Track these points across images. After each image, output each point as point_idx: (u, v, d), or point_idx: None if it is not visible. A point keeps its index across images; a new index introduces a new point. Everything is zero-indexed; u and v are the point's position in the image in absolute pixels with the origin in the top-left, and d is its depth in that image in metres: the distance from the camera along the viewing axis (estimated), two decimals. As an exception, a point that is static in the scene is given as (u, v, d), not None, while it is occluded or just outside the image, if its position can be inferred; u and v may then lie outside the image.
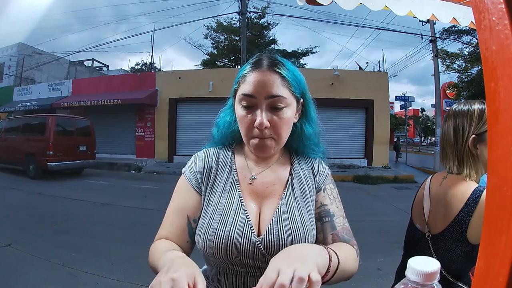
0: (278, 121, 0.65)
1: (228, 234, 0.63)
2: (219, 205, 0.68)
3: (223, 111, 0.79)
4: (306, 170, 0.76)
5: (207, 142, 0.82)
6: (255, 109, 0.65)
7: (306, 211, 0.69)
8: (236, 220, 0.65)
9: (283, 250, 0.52)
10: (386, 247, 3.21)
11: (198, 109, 11.20)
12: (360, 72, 13.72)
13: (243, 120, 0.66)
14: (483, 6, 0.31)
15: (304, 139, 0.76)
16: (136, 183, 7.54)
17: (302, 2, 1.31)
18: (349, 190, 6.97)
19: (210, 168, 0.73)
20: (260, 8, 14.92)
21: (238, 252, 0.63)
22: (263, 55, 0.69)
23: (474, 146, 0.83)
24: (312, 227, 0.68)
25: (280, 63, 0.67)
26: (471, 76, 11.16)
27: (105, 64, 23.48)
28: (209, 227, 0.65)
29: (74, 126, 8.31)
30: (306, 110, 0.74)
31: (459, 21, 1.41)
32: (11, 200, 5.36)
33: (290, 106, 0.67)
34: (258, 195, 0.70)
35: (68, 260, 2.77)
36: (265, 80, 0.64)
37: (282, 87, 0.64)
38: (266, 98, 0.64)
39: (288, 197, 0.70)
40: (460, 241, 0.80)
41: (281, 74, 0.65)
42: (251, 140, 0.67)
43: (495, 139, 0.30)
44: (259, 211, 0.69)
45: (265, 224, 0.66)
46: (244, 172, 0.73)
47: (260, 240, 0.63)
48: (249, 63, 0.69)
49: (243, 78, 0.67)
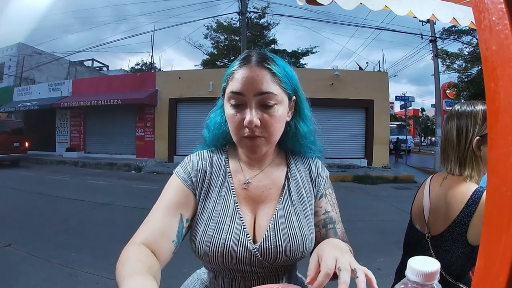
0: (269, 119, 0.62)
1: (224, 242, 0.61)
2: (214, 212, 0.65)
3: (213, 112, 0.76)
4: (303, 171, 0.74)
5: (198, 144, 0.78)
6: (244, 108, 0.62)
7: (303, 216, 0.67)
8: (232, 228, 0.63)
9: (326, 241, 0.59)
10: (386, 247, 3.21)
11: (198, 109, 11.18)
12: (360, 72, 13.72)
13: (232, 119, 0.63)
14: (483, 6, 0.31)
15: (300, 138, 0.72)
16: (136, 183, 7.55)
17: (302, 2, 1.30)
18: (349, 190, 6.97)
19: (204, 172, 0.70)
20: (260, 8, 14.94)
21: (234, 260, 0.61)
22: (253, 51, 0.66)
23: (478, 148, 0.83)
24: (310, 231, 0.67)
25: (270, 58, 0.64)
26: (471, 76, 11.15)
27: (105, 64, 23.50)
28: (205, 235, 0.63)
29: (9, 127, 10.69)
30: (300, 108, 0.71)
31: (459, 21, 1.41)
32: (11, 200, 5.36)
33: (282, 103, 0.63)
34: (254, 200, 0.68)
35: (68, 260, 2.77)
36: (254, 76, 0.60)
37: (272, 83, 0.61)
38: (256, 95, 0.61)
39: (285, 202, 0.68)
40: (460, 242, 0.80)
41: (271, 69, 0.62)
42: (241, 140, 0.64)
43: (495, 139, 0.30)
44: (255, 216, 0.67)
45: (261, 230, 0.64)
46: (238, 175, 0.70)
47: (257, 248, 0.62)
48: (238, 60, 0.66)
49: (231, 75, 0.64)
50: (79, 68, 19.62)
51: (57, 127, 13.32)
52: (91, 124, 12.82)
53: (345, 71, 12.00)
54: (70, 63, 18.84)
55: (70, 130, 13.11)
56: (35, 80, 16.10)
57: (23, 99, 13.77)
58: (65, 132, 13.22)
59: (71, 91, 12.96)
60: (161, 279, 0.54)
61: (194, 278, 0.75)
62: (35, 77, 16.31)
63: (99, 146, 12.65)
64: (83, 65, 20.59)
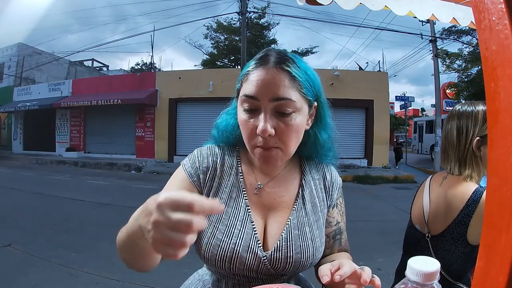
0: (285, 129, 0.56)
1: (234, 247, 0.58)
2: (224, 214, 0.61)
3: (225, 112, 0.71)
4: (318, 179, 0.70)
5: (209, 139, 0.73)
6: (258, 113, 0.56)
7: (316, 227, 0.65)
8: (242, 233, 0.60)
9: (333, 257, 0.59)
10: (386, 247, 3.21)
11: (198, 109, 11.19)
12: (360, 72, 13.71)
13: (245, 125, 0.58)
14: (483, 6, 0.31)
15: (319, 147, 0.68)
16: (136, 183, 7.55)
17: (302, 2, 1.30)
18: (349, 190, 6.97)
19: (215, 169, 0.66)
20: (260, 8, 14.93)
21: (242, 266, 0.59)
22: (271, 50, 0.60)
23: (478, 148, 0.83)
24: (321, 243, 0.65)
25: (290, 59, 0.57)
26: (471, 76, 11.16)
27: (105, 64, 23.48)
28: (213, 238, 0.59)
29: None
30: (321, 115, 0.66)
31: (459, 21, 1.41)
32: (11, 200, 5.35)
33: (300, 111, 0.57)
34: (265, 206, 0.64)
35: (68, 260, 2.77)
36: (270, 80, 0.54)
37: (291, 88, 0.55)
38: (271, 101, 0.55)
39: (299, 212, 0.64)
40: (460, 242, 0.80)
41: (290, 73, 0.55)
42: (254, 150, 0.59)
43: (495, 139, 0.30)
44: (265, 223, 0.64)
45: (272, 238, 0.62)
46: (250, 178, 0.66)
47: (266, 256, 0.60)
48: (255, 59, 0.60)
49: (246, 76, 0.58)
50: (79, 68, 19.61)
51: (57, 127, 13.31)
52: (91, 124, 12.81)
53: (345, 71, 12.00)
54: (70, 63, 18.83)
55: (70, 130, 13.11)
56: (35, 80, 16.09)
57: (23, 99, 13.77)
58: (65, 132, 13.21)
59: (71, 91, 12.95)
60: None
61: (195, 279, 0.73)
62: (35, 77, 16.30)
63: (99, 146, 12.64)
64: (83, 65, 20.57)
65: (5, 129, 15.45)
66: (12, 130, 14.67)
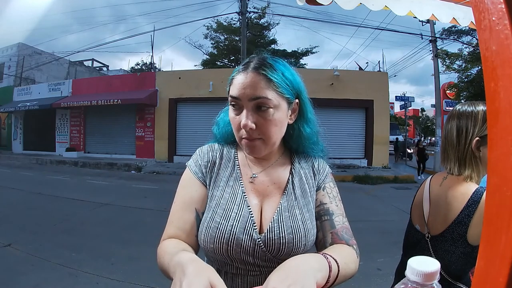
0: (265, 123, 0.65)
1: (231, 229, 0.64)
2: (222, 199, 0.69)
3: (223, 111, 0.80)
4: (307, 169, 0.77)
5: (210, 138, 0.83)
6: (242, 111, 0.66)
7: (306, 210, 0.70)
8: (239, 215, 0.66)
9: (281, 266, 0.50)
10: (386, 247, 3.22)
11: (198, 109, 11.19)
12: (360, 72, 13.72)
13: (233, 121, 0.69)
14: (483, 6, 0.31)
15: (303, 139, 0.76)
16: (136, 183, 7.55)
17: (302, 2, 1.30)
18: (349, 190, 6.97)
19: (214, 162, 0.75)
20: (260, 8, 14.94)
21: (239, 248, 0.63)
22: (255, 57, 0.69)
23: (477, 149, 0.83)
24: (312, 225, 0.70)
25: (268, 64, 0.66)
26: (471, 76, 11.14)
27: (105, 64, 23.49)
28: (212, 221, 0.66)
29: None
30: (303, 111, 0.74)
31: (459, 21, 1.41)
32: (11, 200, 5.36)
33: (278, 107, 0.66)
34: (260, 193, 0.71)
35: (68, 260, 2.77)
36: (249, 83, 0.64)
37: (267, 89, 0.64)
38: (250, 100, 0.64)
39: (289, 196, 0.71)
40: (460, 242, 0.80)
41: (266, 75, 0.64)
42: (241, 141, 0.69)
43: (495, 139, 0.30)
44: (261, 209, 0.70)
45: (267, 222, 0.67)
46: (245, 169, 0.75)
47: (261, 238, 0.64)
48: (241, 65, 0.70)
49: (232, 80, 0.69)
50: (79, 68, 19.61)
51: (57, 127, 13.32)
52: (91, 124, 12.82)
53: (345, 71, 12.01)
54: (70, 63, 18.84)
55: (70, 130, 13.11)
56: (35, 80, 16.10)
57: (23, 99, 13.78)
58: (65, 132, 13.22)
59: (71, 91, 12.96)
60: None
61: None
62: (35, 77, 16.31)
63: (99, 146, 12.65)
64: (83, 65, 20.58)
65: (5, 129, 15.45)
66: (12, 130, 14.68)
